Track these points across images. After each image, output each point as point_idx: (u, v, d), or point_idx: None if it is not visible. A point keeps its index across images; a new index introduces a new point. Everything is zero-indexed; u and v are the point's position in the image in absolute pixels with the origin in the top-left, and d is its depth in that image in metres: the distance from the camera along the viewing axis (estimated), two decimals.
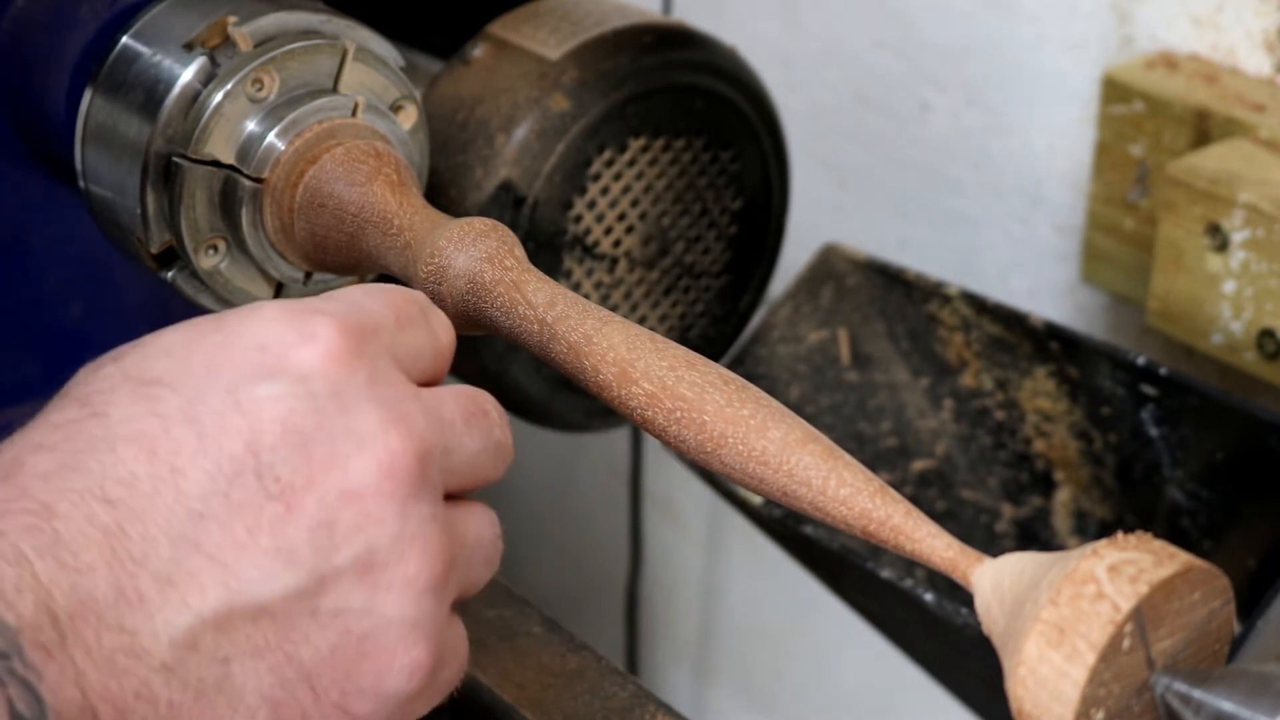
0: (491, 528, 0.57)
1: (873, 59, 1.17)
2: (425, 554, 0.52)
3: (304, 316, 0.53)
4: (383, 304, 0.56)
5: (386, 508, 0.52)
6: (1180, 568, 0.53)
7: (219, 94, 0.72)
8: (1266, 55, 0.98)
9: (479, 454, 0.56)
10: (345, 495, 0.51)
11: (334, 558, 0.51)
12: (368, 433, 0.52)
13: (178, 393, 0.51)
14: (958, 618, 0.84)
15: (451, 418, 0.55)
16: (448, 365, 0.58)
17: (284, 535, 0.51)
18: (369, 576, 0.52)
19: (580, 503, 1.58)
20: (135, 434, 0.51)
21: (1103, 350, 0.91)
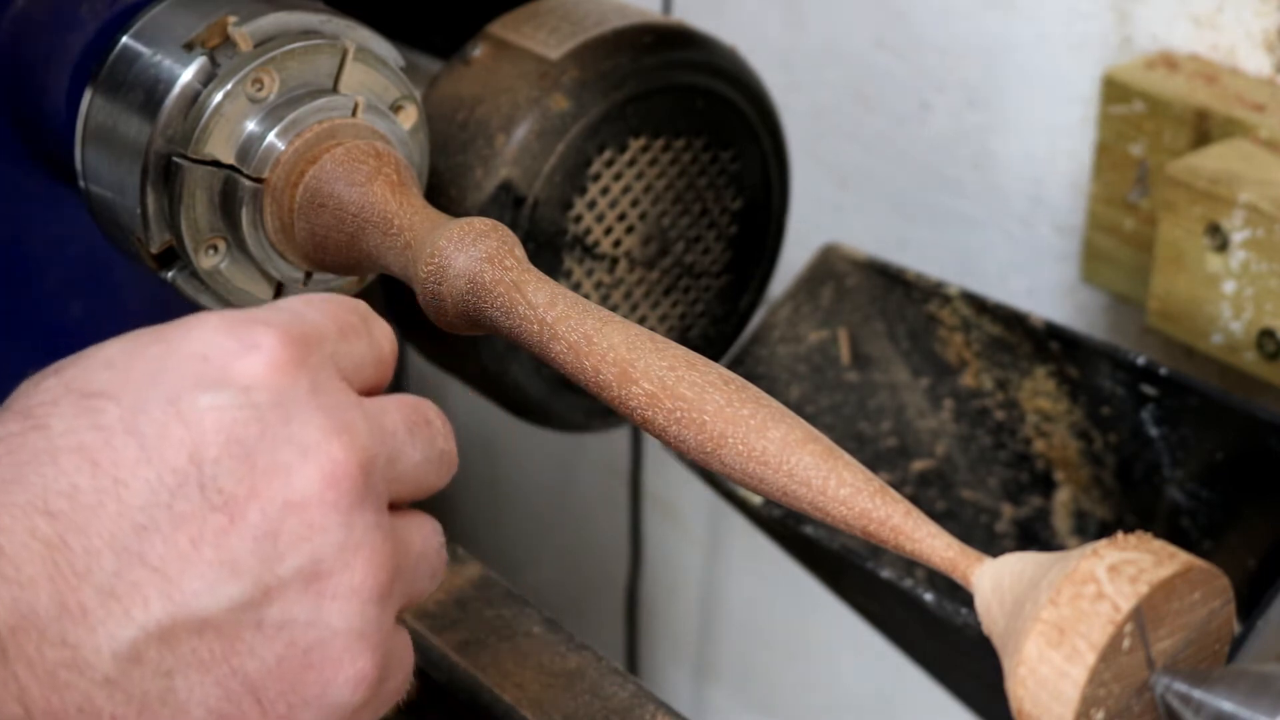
0: (436, 537, 0.57)
1: (873, 59, 1.17)
2: (370, 563, 0.52)
3: (246, 327, 0.53)
4: (324, 314, 0.56)
5: (330, 517, 0.52)
6: (1180, 568, 0.53)
7: (219, 94, 0.72)
8: (1266, 55, 0.98)
9: (423, 463, 0.56)
10: (289, 505, 0.51)
11: (278, 568, 0.51)
12: (311, 442, 0.52)
13: (119, 404, 0.51)
14: (958, 618, 0.84)
15: (394, 427, 0.55)
16: (390, 374, 0.58)
17: (227, 546, 0.51)
18: (314, 586, 0.51)
19: (580, 503, 1.58)
20: (77, 446, 0.51)
21: (1103, 350, 0.91)
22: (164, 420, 0.51)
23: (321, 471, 0.52)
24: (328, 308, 0.56)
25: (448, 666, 0.79)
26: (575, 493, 1.59)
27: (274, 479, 0.51)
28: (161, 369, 0.52)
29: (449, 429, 0.59)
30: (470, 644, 0.79)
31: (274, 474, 0.51)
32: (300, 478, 0.51)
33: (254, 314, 0.54)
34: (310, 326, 0.55)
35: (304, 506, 0.51)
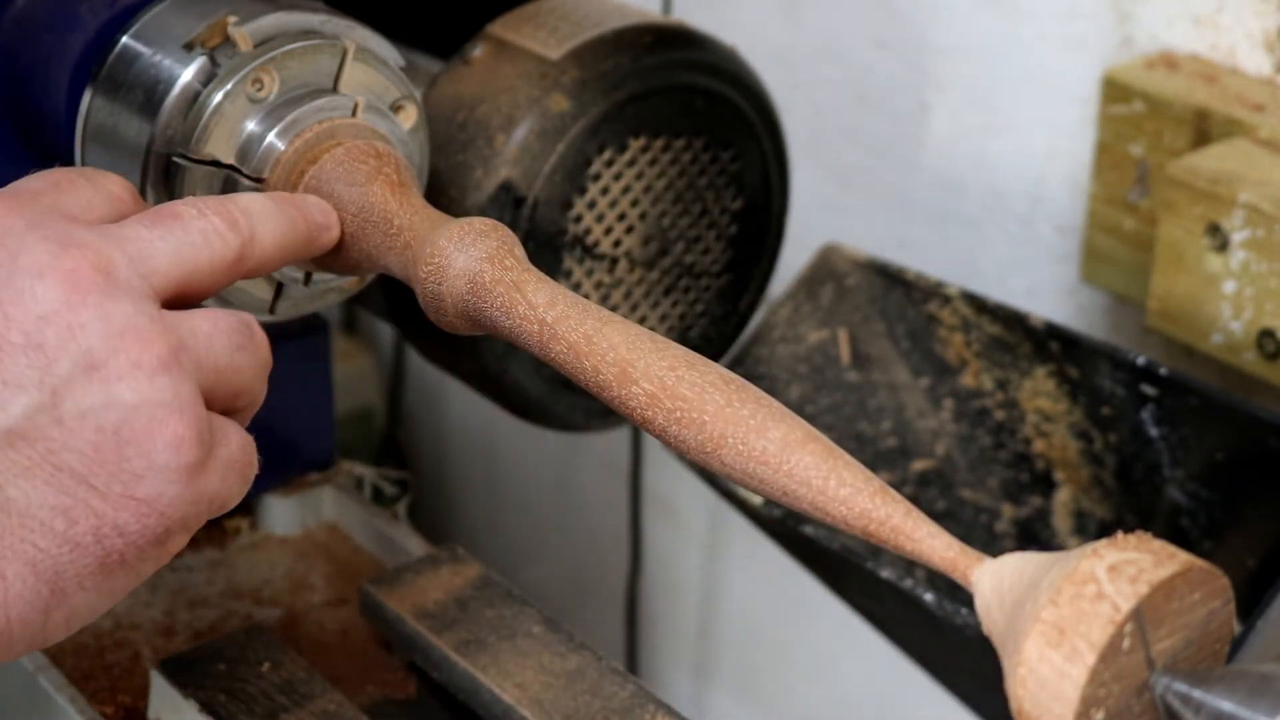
0: (229, 316, 0.62)
1: (873, 59, 1.17)
2: (140, 341, 0.58)
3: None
4: (37, 178, 0.63)
5: (84, 314, 0.58)
6: (1180, 568, 0.53)
7: (219, 94, 0.72)
8: (1266, 55, 0.98)
9: (180, 247, 0.62)
10: (42, 319, 0.58)
11: (55, 370, 0.57)
12: (41, 264, 0.58)
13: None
14: (958, 618, 0.84)
15: (133, 230, 0.61)
16: (133, 207, 0.64)
17: (3, 370, 0.57)
18: (96, 374, 0.57)
19: (580, 503, 1.58)
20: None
21: (1103, 350, 0.91)
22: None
23: (59, 282, 0.58)
24: (41, 173, 0.63)
25: (448, 666, 0.79)
26: (575, 493, 1.59)
27: (20, 303, 0.58)
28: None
29: (215, 207, 0.64)
30: (470, 644, 0.79)
31: (19, 299, 0.58)
32: (43, 294, 0.58)
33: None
34: (22, 188, 0.62)
35: (56, 315, 0.58)
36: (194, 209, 0.63)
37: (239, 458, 0.61)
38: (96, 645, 0.87)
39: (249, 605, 0.90)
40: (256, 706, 0.77)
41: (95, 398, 0.57)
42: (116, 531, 0.58)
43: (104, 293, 0.58)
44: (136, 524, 0.58)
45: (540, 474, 1.62)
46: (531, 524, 1.64)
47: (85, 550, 0.57)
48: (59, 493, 0.57)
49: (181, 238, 0.62)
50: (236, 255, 0.63)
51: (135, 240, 0.60)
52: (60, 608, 0.58)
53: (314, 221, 0.68)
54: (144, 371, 0.58)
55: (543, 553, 1.64)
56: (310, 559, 0.94)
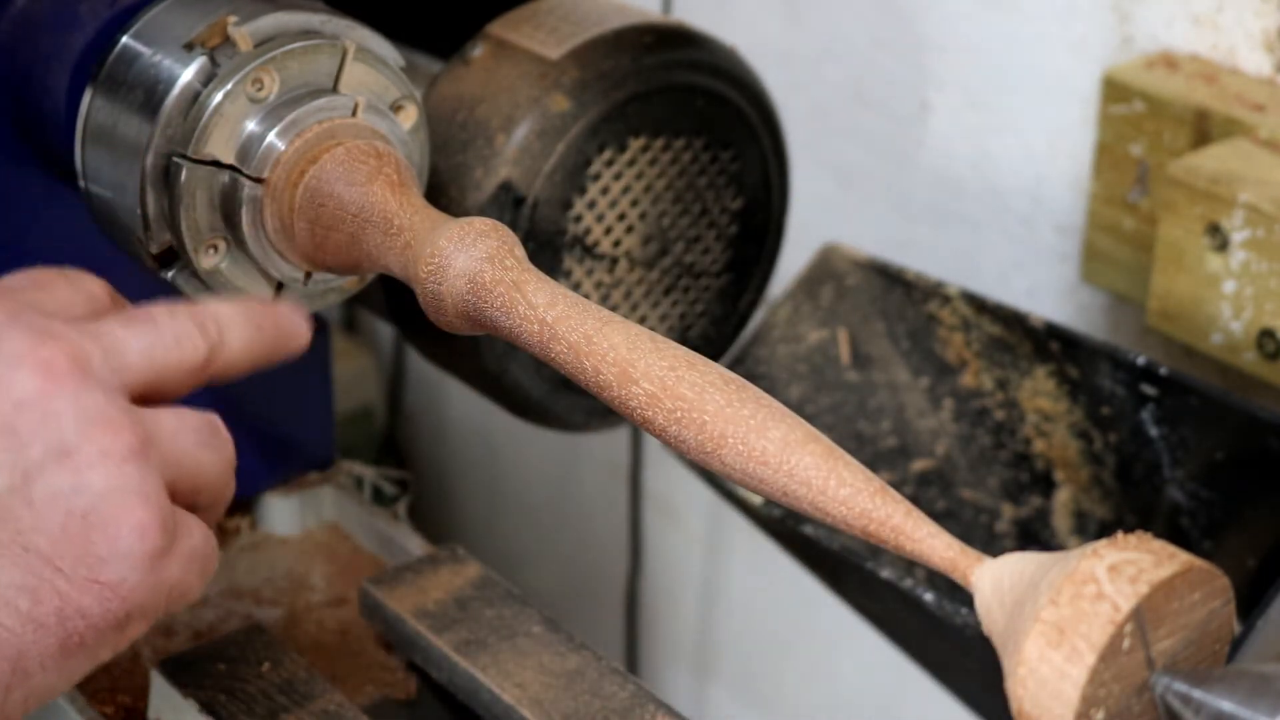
0: (195, 416, 0.64)
1: (873, 59, 1.17)
2: (110, 430, 0.60)
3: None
4: (19, 277, 0.65)
5: (58, 404, 0.60)
6: (1180, 568, 0.53)
7: (219, 94, 0.72)
8: (1266, 55, 0.98)
9: (152, 347, 0.64)
10: (17, 405, 0.59)
11: (28, 454, 0.59)
12: (19, 353, 0.60)
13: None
14: (958, 618, 0.84)
15: (109, 328, 0.63)
16: (112, 308, 0.66)
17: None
18: (67, 461, 0.59)
19: (580, 503, 1.58)
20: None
21: (1103, 350, 0.91)
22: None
23: (35, 371, 0.60)
24: (23, 271, 0.66)
25: (448, 666, 0.79)
26: (575, 493, 1.59)
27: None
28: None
29: (186, 313, 0.65)
30: (470, 644, 0.79)
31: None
32: (20, 381, 0.60)
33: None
34: (2, 285, 0.64)
35: (31, 402, 0.59)
36: (167, 313, 0.65)
37: (201, 550, 0.63)
38: None
39: (249, 605, 0.90)
40: (256, 706, 0.77)
41: (65, 482, 0.59)
42: (79, 614, 0.59)
43: (78, 383, 0.60)
44: (99, 607, 0.60)
45: (540, 474, 1.62)
46: (531, 524, 1.64)
47: (48, 630, 0.59)
48: (25, 573, 0.58)
49: (154, 338, 0.64)
50: (205, 359, 0.65)
51: (110, 336, 0.63)
52: (20, 687, 0.59)
53: (284, 330, 0.69)
54: (113, 460, 0.60)
55: (543, 553, 1.64)
56: (310, 559, 0.94)
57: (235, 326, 0.67)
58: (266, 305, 0.69)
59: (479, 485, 1.69)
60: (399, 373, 1.70)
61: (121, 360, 0.62)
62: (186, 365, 0.65)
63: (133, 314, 0.65)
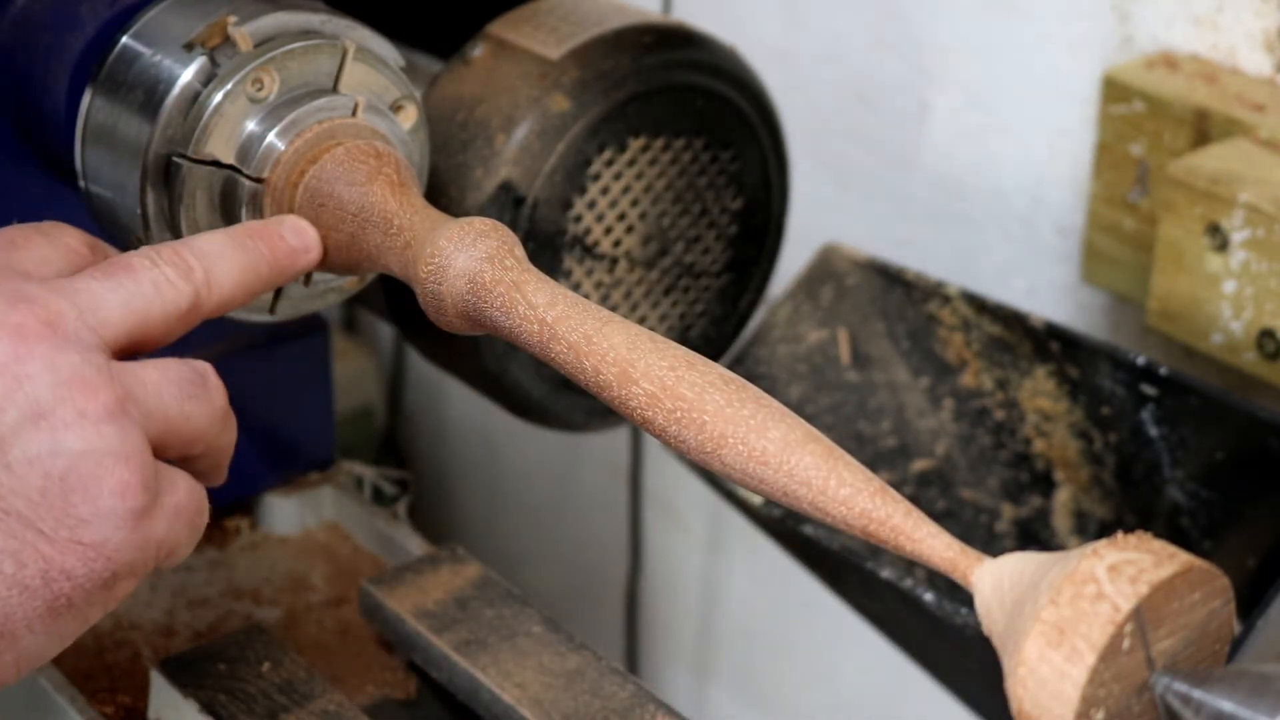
0: (182, 366, 0.63)
1: (873, 59, 1.17)
2: (86, 390, 0.59)
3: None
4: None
5: (31, 365, 0.59)
6: (1180, 568, 0.53)
7: (219, 94, 0.72)
8: (1266, 55, 0.98)
9: (130, 298, 0.63)
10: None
11: (3, 419, 0.59)
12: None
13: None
14: (958, 618, 0.84)
15: (84, 284, 0.62)
16: (92, 259, 0.66)
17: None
18: (43, 423, 0.59)
19: (580, 503, 1.58)
20: None
21: (1103, 350, 0.91)
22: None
23: (6, 336, 0.59)
24: (0, 232, 0.65)
25: (448, 666, 0.79)
26: (575, 493, 1.59)
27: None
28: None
29: (168, 257, 0.65)
30: (470, 644, 0.79)
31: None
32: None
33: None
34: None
35: (3, 367, 0.59)
36: (147, 259, 0.64)
37: (186, 505, 0.63)
38: (96, 645, 0.87)
39: (249, 605, 0.90)
40: (256, 706, 0.77)
41: (42, 445, 0.59)
42: (64, 575, 0.59)
43: (51, 345, 0.60)
44: (83, 568, 0.59)
45: (540, 474, 1.62)
46: (531, 524, 1.64)
47: (34, 593, 0.59)
48: (7, 536, 0.58)
49: (132, 289, 0.63)
50: (190, 302, 0.65)
51: (85, 293, 0.62)
52: (9, 650, 0.59)
53: (284, 248, 0.69)
54: (89, 420, 0.59)
55: (543, 553, 1.64)
56: (310, 559, 0.94)
57: (223, 259, 0.66)
58: (266, 224, 0.69)
59: (479, 485, 1.69)
60: (399, 373, 1.70)
61: (99, 316, 0.62)
62: (171, 311, 0.64)
63: (110, 264, 0.64)
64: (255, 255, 0.67)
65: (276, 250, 0.68)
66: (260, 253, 0.68)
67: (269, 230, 0.69)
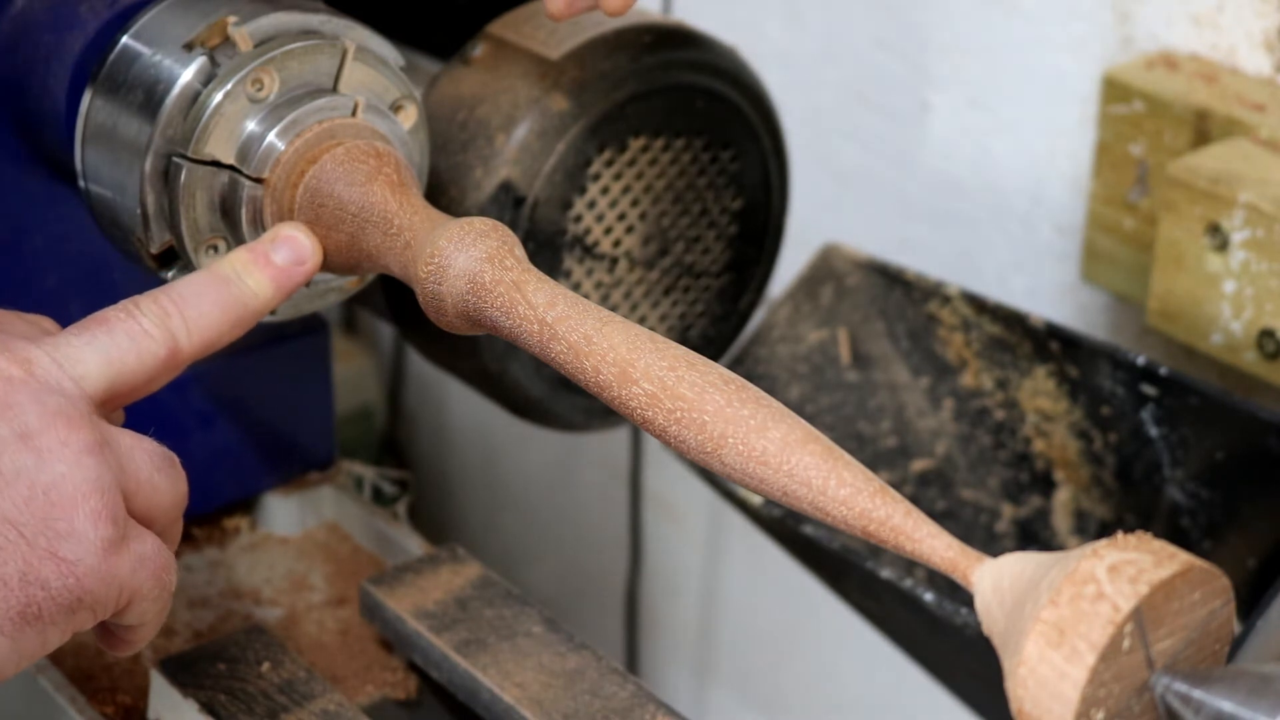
0: (150, 441, 0.65)
1: (873, 59, 1.17)
2: (69, 425, 0.62)
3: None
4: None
5: (19, 398, 0.62)
6: (1180, 568, 0.53)
7: (219, 94, 0.71)
8: (1266, 55, 0.98)
9: (108, 351, 0.65)
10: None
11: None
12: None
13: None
14: (958, 618, 0.84)
15: (63, 339, 0.65)
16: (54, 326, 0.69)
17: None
18: (30, 442, 0.61)
19: (580, 503, 1.58)
20: None
21: (1103, 350, 0.91)
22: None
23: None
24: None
25: (448, 666, 0.79)
26: (575, 493, 1.59)
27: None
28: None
29: (147, 308, 0.66)
30: (470, 644, 0.79)
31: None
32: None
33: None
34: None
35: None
36: (123, 311, 0.66)
37: (153, 558, 0.64)
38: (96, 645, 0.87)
39: (249, 605, 0.90)
40: (256, 706, 0.77)
41: (29, 460, 0.61)
42: (40, 583, 0.61)
43: (37, 386, 0.63)
44: (57, 581, 0.61)
45: (540, 474, 1.62)
46: (531, 524, 1.64)
47: (11, 590, 0.60)
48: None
49: (106, 341, 0.65)
50: (168, 351, 0.66)
51: (63, 346, 0.64)
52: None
53: (271, 273, 0.69)
54: (70, 449, 0.62)
55: (543, 553, 1.64)
56: (310, 559, 0.94)
57: (203, 300, 0.67)
58: (244, 257, 0.69)
59: (479, 485, 1.69)
60: (399, 373, 1.70)
61: (78, 370, 0.64)
62: (148, 363, 0.65)
63: (86, 321, 0.66)
64: (241, 289, 0.68)
65: (265, 277, 0.69)
66: (246, 286, 0.68)
67: (257, 257, 0.69)
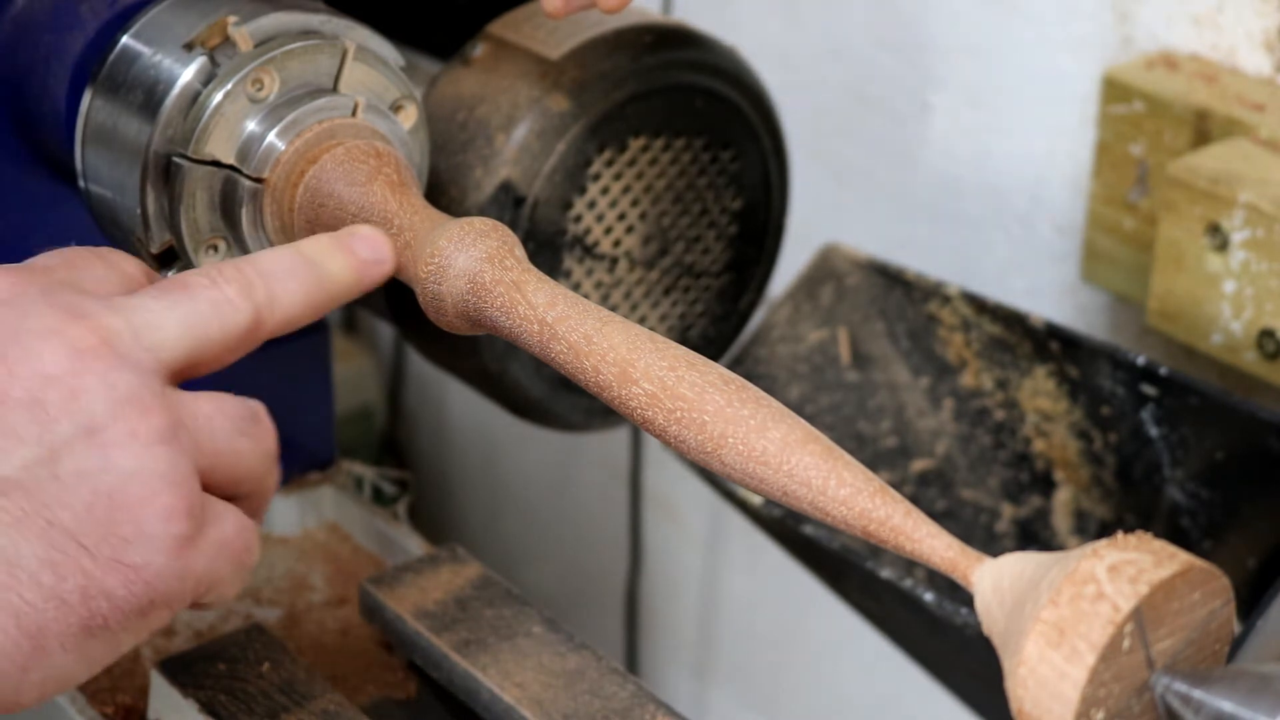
0: (236, 403, 0.62)
1: (873, 59, 1.17)
2: (141, 412, 0.58)
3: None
4: (54, 256, 0.63)
5: (88, 381, 0.58)
6: (1180, 568, 0.53)
7: (219, 94, 0.72)
8: (1266, 55, 0.98)
9: (188, 319, 0.61)
10: (46, 380, 0.58)
11: (56, 429, 0.57)
12: (49, 328, 0.59)
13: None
14: (958, 618, 0.84)
15: (141, 302, 0.61)
16: (147, 282, 0.64)
17: (4, 421, 0.58)
18: (95, 438, 0.58)
19: (580, 503, 1.58)
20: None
21: (1103, 350, 0.91)
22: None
23: (66, 347, 0.58)
24: (60, 253, 0.64)
25: (448, 666, 0.79)
26: (575, 493, 1.59)
27: (25, 361, 0.58)
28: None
29: (229, 275, 0.63)
30: (470, 644, 0.79)
31: (24, 358, 0.58)
32: (49, 355, 0.58)
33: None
34: (37, 264, 0.63)
35: (60, 378, 0.58)
36: (206, 278, 0.62)
37: (232, 541, 0.61)
38: None
39: (249, 605, 0.90)
40: (256, 706, 0.77)
41: (93, 460, 0.58)
42: (103, 595, 0.58)
43: (108, 362, 0.59)
44: (123, 589, 0.58)
45: (540, 474, 1.62)
46: (531, 524, 1.64)
47: (71, 609, 0.57)
48: (49, 547, 0.57)
49: (189, 308, 0.61)
50: (251, 322, 0.62)
51: (142, 311, 0.60)
52: (39, 667, 0.57)
53: (354, 263, 0.66)
54: (140, 441, 0.58)
55: (543, 553, 1.64)
56: (310, 559, 0.94)
57: (289, 277, 0.64)
58: (330, 242, 0.66)
59: (479, 485, 1.69)
60: (399, 373, 1.70)
61: (155, 337, 0.60)
62: (230, 333, 0.62)
63: (167, 283, 0.62)
64: (323, 272, 0.65)
65: (348, 265, 0.66)
66: (328, 269, 0.65)
67: (341, 244, 0.66)
